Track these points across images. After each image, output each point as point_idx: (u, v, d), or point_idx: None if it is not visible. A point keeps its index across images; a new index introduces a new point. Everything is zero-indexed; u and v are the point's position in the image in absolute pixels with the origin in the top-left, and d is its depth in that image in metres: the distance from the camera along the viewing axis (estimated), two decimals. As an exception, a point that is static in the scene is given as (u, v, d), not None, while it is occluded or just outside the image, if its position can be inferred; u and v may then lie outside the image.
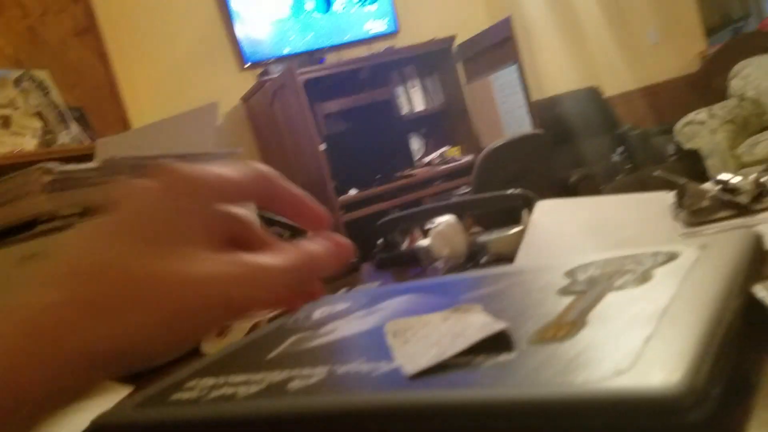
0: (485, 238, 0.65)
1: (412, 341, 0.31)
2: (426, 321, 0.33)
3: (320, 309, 0.41)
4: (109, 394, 0.40)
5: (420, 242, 0.69)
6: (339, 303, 0.42)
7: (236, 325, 0.38)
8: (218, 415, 0.30)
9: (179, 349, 0.24)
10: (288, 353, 0.35)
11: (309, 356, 0.34)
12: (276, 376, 0.31)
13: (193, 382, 0.34)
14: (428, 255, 0.67)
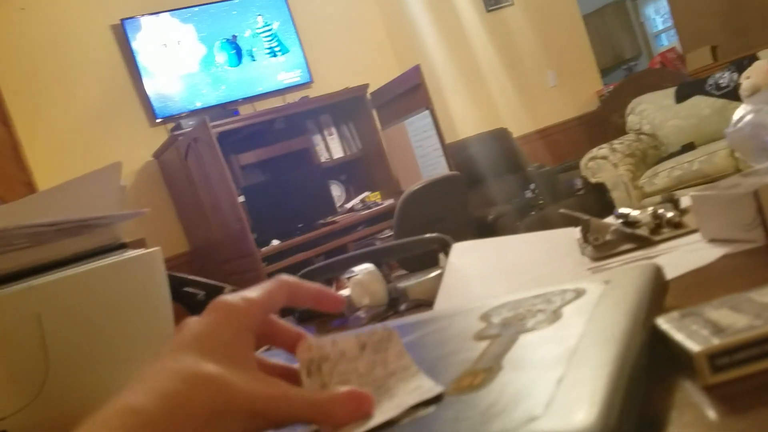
0: (404, 284, 0.66)
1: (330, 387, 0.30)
2: (342, 349, 0.31)
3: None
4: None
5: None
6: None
7: None
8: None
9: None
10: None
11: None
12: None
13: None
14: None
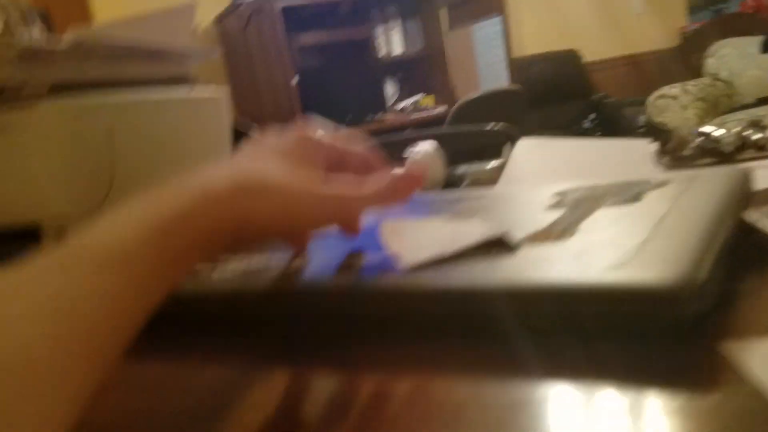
0: (464, 169, 0.65)
1: (410, 238, 0.30)
2: (424, 224, 0.32)
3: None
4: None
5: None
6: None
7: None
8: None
9: (269, 239, 0.32)
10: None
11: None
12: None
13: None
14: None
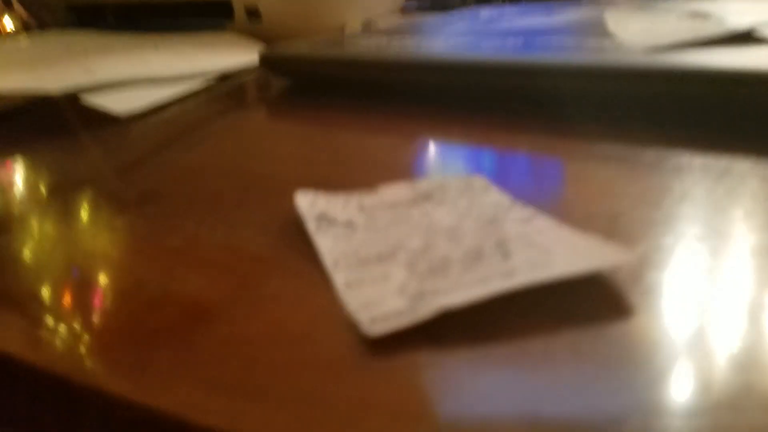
0: None
1: (641, 26, 0.29)
2: (655, 16, 0.31)
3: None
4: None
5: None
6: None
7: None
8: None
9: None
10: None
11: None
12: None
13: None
14: None
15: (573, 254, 0.15)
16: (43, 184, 0.24)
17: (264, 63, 0.39)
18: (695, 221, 0.18)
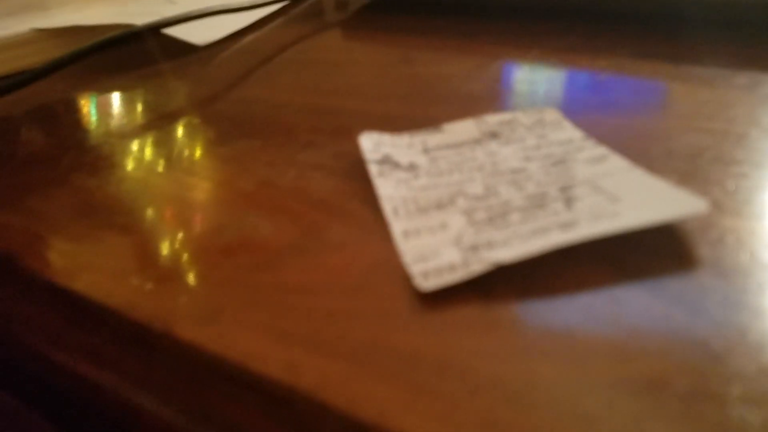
0: None
1: None
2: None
3: None
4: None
5: None
6: None
7: None
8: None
9: None
10: None
11: None
12: None
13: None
14: None
15: (640, 203, 0.15)
16: (121, 124, 0.25)
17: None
18: (784, 160, 0.17)
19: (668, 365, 0.11)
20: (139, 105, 0.27)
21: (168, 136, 0.23)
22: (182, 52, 0.34)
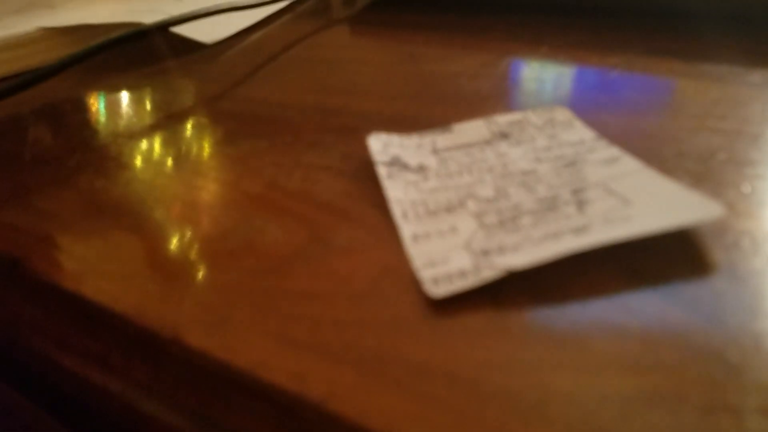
0: None
1: None
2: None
3: None
4: None
5: None
6: None
7: None
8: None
9: None
10: None
11: None
12: None
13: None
14: None
15: (653, 207, 0.14)
16: (128, 123, 0.25)
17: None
18: (800, 162, 0.17)
19: (684, 376, 0.11)
20: (146, 104, 0.27)
21: (175, 136, 0.23)
22: (188, 50, 0.34)
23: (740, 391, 0.10)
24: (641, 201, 0.15)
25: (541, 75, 0.25)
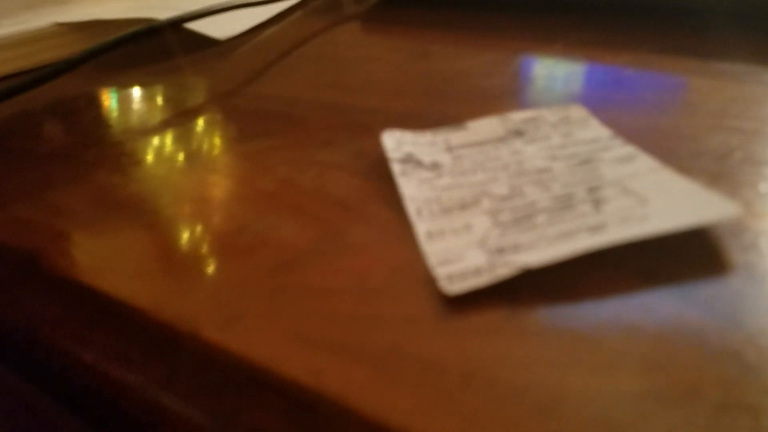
0: None
1: None
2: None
3: None
4: None
5: None
6: None
7: None
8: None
9: None
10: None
11: None
12: None
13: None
14: None
15: (670, 206, 0.14)
16: (142, 120, 0.25)
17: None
18: (818, 161, 0.16)
19: (700, 375, 0.11)
20: (159, 100, 0.27)
21: (189, 133, 0.23)
22: (200, 46, 0.34)
23: (758, 391, 0.10)
24: (657, 200, 0.15)
25: (554, 72, 0.25)
